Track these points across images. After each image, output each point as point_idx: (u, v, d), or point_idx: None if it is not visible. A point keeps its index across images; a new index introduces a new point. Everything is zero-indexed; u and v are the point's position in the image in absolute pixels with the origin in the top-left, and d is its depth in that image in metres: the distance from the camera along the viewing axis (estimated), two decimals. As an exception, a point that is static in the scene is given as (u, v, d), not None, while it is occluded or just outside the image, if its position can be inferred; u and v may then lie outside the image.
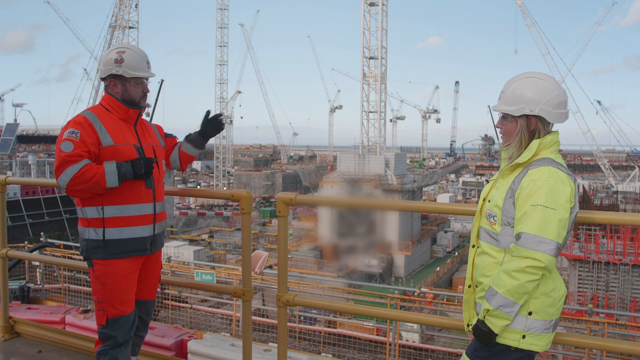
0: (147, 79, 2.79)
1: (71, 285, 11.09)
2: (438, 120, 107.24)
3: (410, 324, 11.82)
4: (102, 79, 2.78)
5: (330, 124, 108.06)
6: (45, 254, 9.19)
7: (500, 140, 2.22)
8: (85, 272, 10.44)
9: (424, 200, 48.30)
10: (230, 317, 11.97)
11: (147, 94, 2.82)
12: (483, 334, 2.03)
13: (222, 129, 3.08)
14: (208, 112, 3.02)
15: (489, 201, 2.16)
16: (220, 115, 3.05)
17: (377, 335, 12.19)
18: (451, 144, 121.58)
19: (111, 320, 2.68)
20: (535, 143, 2.07)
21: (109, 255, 2.65)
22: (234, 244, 39.58)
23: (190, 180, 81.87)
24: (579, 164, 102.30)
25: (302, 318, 12.37)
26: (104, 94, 2.81)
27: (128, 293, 2.72)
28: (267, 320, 12.50)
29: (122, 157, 2.64)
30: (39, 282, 10.72)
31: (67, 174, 2.52)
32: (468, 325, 2.23)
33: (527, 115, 2.09)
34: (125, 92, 2.72)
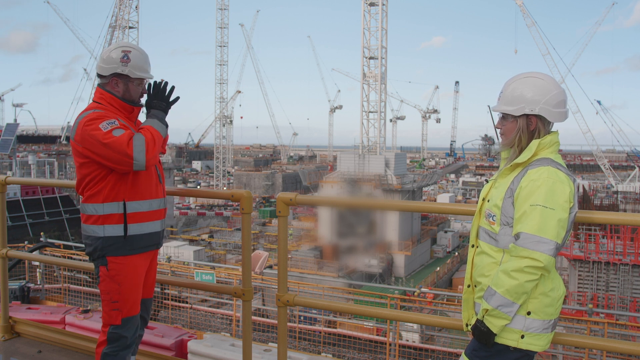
0: (146, 80, 2.78)
1: (71, 285, 11.09)
2: (438, 120, 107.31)
3: (410, 324, 11.82)
4: (101, 76, 2.68)
5: (330, 124, 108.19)
6: (45, 254, 9.19)
7: (500, 140, 2.22)
8: (86, 272, 10.46)
9: (424, 200, 48.30)
10: (230, 317, 11.97)
11: (145, 94, 2.79)
12: (482, 333, 2.03)
13: (172, 92, 2.75)
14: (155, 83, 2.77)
15: (488, 201, 2.16)
16: (158, 82, 2.74)
17: (377, 335, 12.19)
18: (451, 144, 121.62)
19: (126, 319, 2.67)
20: (534, 143, 2.07)
21: (128, 251, 2.64)
22: (234, 244, 39.58)
23: (190, 180, 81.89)
24: (579, 164, 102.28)
25: (302, 318, 12.37)
26: (98, 91, 2.70)
27: (139, 292, 2.75)
28: (267, 320, 12.50)
29: None
30: (39, 282, 10.72)
31: (137, 144, 2.49)
32: (467, 325, 2.23)
33: (527, 115, 2.09)
34: (126, 91, 2.69)
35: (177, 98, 2.79)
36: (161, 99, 2.74)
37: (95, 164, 2.57)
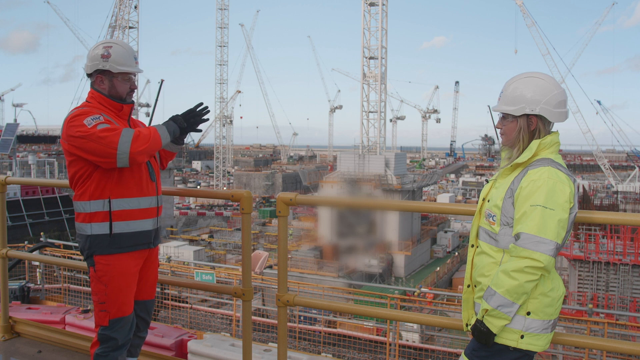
0: (134, 75, 2.76)
1: (71, 285, 11.09)
2: (438, 120, 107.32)
3: (410, 324, 11.82)
4: (89, 75, 2.70)
5: (330, 124, 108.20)
6: (45, 254, 9.19)
7: (501, 141, 2.22)
8: (86, 272, 10.46)
9: (424, 200, 48.29)
10: (230, 317, 11.97)
11: (135, 90, 2.78)
12: (482, 333, 2.03)
13: (202, 122, 2.85)
14: (197, 106, 2.86)
15: (488, 201, 2.16)
16: (201, 106, 2.83)
17: (377, 335, 12.19)
18: (451, 144, 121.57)
19: (113, 320, 2.65)
20: (535, 143, 2.07)
21: (115, 249, 2.61)
22: (234, 244, 39.57)
23: (190, 180, 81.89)
24: (579, 164, 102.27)
25: (302, 318, 12.37)
26: (90, 91, 2.72)
27: (130, 293, 2.71)
28: (267, 320, 12.50)
29: None
30: (39, 282, 10.72)
31: (125, 136, 2.46)
32: (467, 325, 2.24)
33: (527, 115, 2.09)
34: (112, 88, 2.67)
35: (201, 130, 2.84)
36: (186, 119, 2.76)
37: (81, 162, 2.57)
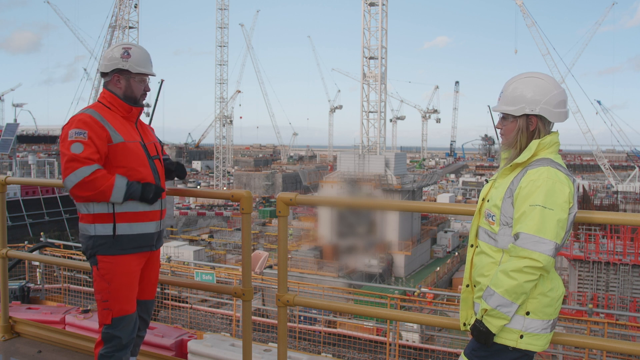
0: (148, 78, 2.82)
1: (71, 285, 11.09)
2: (438, 120, 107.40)
3: (410, 324, 11.82)
4: (104, 75, 2.74)
5: (330, 124, 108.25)
6: (45, 254, 9.19)
7: (501, 141, 2.22)
8: (86, 272, 10.47)
9: (424, 200, 48.28)
10: (230, 317, 11.97)
11: (148, 92, 2.84)
12: (481, 333, 2.03)
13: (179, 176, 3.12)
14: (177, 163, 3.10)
15: (488, 201, 2.16)
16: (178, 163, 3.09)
17: (377, 335, 12.19)
18: (451, 144, 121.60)
19: (117, 319, 2.66)
20: (534, 143, 2.07)
21: (118, 251, 2.63)
22: (234, 244, 39.57)
23: (190, 180, 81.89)
24: (579, 164, 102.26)
25: (302, 318, 12.36)
26: (102, 91, 2.77)
27: (132, 291, 2.73)
28: (267, 320, 12.50)
29: (131, 154, 2.66)
30: (39, 282, 10.72)
31: (76, 175, 2.49)
32: (464, 325, 2.24)
33: (527, 115, 2.09)
34: (128, 87, 2.72)
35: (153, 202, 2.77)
36: (156, 192, 2.72)
37: None
